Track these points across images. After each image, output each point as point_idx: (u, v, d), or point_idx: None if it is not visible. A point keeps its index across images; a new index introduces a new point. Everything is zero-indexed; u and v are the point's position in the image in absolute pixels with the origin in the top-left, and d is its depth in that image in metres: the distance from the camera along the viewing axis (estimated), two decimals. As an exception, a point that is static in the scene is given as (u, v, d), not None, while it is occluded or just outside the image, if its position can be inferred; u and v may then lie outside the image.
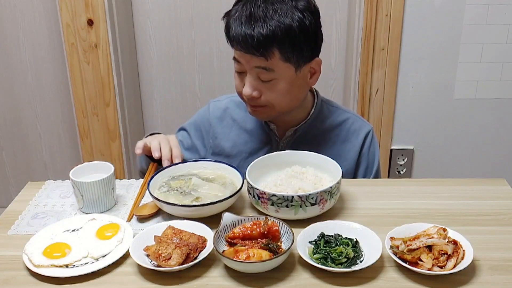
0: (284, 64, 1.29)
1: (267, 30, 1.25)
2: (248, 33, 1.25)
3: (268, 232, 1.07)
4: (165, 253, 1.01)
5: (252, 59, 1.29)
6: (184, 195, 1.22)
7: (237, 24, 1.28)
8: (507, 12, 2.18)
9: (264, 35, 1.25)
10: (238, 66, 1.35)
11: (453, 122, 2.37)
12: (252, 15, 1.27)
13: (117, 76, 2.30)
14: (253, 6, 1.28)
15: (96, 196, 1.21)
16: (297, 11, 1.27)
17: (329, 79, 2.44)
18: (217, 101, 1.55)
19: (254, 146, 1.47)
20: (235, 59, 1.35)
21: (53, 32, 2.32)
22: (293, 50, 1.28)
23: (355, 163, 1.47)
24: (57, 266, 1.03)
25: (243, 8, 1.29)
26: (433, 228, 1.06)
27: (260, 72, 1.31)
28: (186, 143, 1.55)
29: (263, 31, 1.25)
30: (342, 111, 1.51)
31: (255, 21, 1.26)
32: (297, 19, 1.27)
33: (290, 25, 1.26)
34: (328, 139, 1.46)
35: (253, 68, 1.31)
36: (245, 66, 1.32)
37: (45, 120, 2.50)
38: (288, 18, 1.26)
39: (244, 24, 1.27)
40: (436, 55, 2.26)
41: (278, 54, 1.27)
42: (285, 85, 1.32)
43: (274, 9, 1.26)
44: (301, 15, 1.27)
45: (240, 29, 1.27)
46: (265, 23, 1.25)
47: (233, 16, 1.30)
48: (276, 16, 1.26)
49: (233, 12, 1.31)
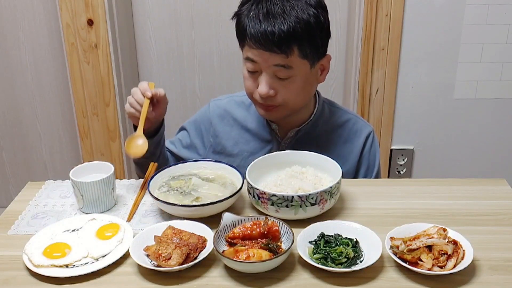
0: (301, 61, 1.30)
1: (288, 26, 1.25)
2: (269, 30, 1.25)
3: (268, 232, 1.07)
4: (165, 253, 1.01)
5: (271, 57, 1.28)
6: (184, 195, 1.22)
7: (255, 23, 1.27)
8: (507, 12, 2.18)
9: (285, 31, 1.25)
10: (252, 66, 1.33)
11: (453, 122, 2.37)
12: (270, 12, 1.26)
13: (117, 76, 2.30)
14: (268, 3, 1.28)
15: (96, 196, 1.21)
16: (311, 7, 1.28)
17: (329, 79, 2.44)
18: (217, 100, 1.54)
19: (255, 146, 1.47)
20: (249, 59, 1.33)
21: (53, 32, 2.32)
22: (310, 46, 1.29)
23: (356, 164, 1.47)
24: (57, 266, 1.03)
25: (258, 7, 1.29)
26: (433, 228, 1.06)
27: (277, 70, 1.30)
28: (185, 141, 1.55)
29: (284, 28, 1.25)
30: (343, 112, 1.51)
31: (274, 18, 1.26)
32: (313, 15, 1.27)
33: (308, 21, 1.27)
34: (330, 140, 1.46)
35: (270, 66, 1.30)
36: (262, 65, 1.31)
37: (45, 120, 2.50)
38: (305, 14, 1.27)
39: (263, 21, 1.26)
40: (436, 55, 2.26)
41: (297, 50, 1.28)
42: (300, 82, 1.33)
43: (291, 5, 1.27)
44: (315, 11, 1.28)
45: (259, 26, 1.26)
46: (284, 19, 1.25)
47: (248, 16, 1.29)
48: (294, 12, 1.26)
49: (246, 12, 1.30)
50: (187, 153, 1.54)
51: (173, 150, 1.56)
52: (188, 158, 1.53)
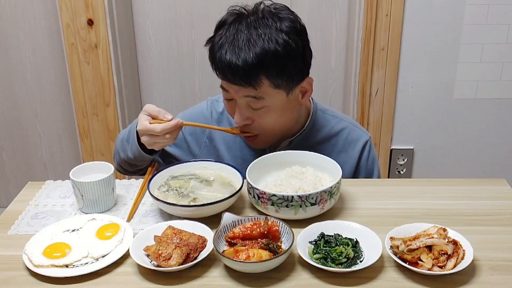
0: (274, 90, 1.25)
1: (252, 58, 1.19)
2: (234, 62, 1.19)
3: (268, 232, 1.07)
4: (165, 253, 1.01)
5: (240, 89, 1.24)
6: (182, 196, 1.22)
7: (221, 53, 1.22)
8: (507, 12, 2.18)
9: (249, 64, 1.19)
10: (226, 95, 1.30)
11: (453, 122, 2.37)
12: (236, 41, 1.21)
13: (117, 76, 2.30)
14: (235, 31, 1.22)
15: (96, 196, 1.21)
16: (282, 34, 1.21)
17: (329, 79, 2.44)
18: (215, 101, 1.50)
19: (249, 154, 1.43)
20: (223, 88, 1.30)
21: (53, 32, 2.32)
22: (281, 76, 1.23)
23: (353, 174, 1.45)
24: (57, 266, 1.03)
25: (226, 34, 1.24)
26: (433, 228, 1.06)
27: (250, 101, 1.26)
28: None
29: (249, 60, 1.19)
30: (339, 119, 1.47)
31: (239, 49, 1.20)
32: (282, 43, 1.21)
33: (276, 50, 1.20)
34: (324, 149, 1.41)
35: (242, 97, 1.26)
36: (234, 95, 1.28)
37: (45, 120, 2.50)
38: (273, 44, 1.20)
39: (228, 52, 1.21)
40: (436, 55, 2.26)
41: (267, 81, 1.23)
42: (276, 112, 1.28)
43: (258, 34, 1.20)
44: (286, 37, 1.22)
45: (224, 58, 1.21)
46: (249, 50, 1.19)
47: (218, 44, 1.24)
48: (259, 42, 1.20)
49: (217, 39, 1.26)
50: (176, 149, 1.48)
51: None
52: (176, 155, 1.48)
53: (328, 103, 2.44)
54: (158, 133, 1.24)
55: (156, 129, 1.23)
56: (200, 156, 1.47)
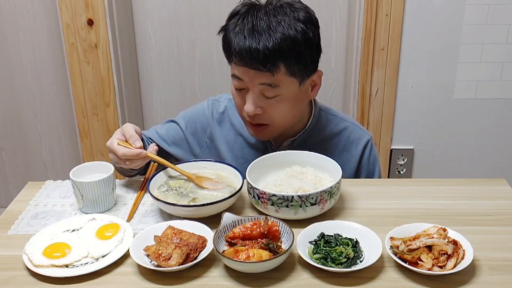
0: (289, 79, 1.26)
1: (273, 43, 1.20)
2: (254, 47, 1.20)
3: (268, 232, 1.07)
4: (165, 253, 1.01)
5: (257, 75, 1.24)
6: (182, 196, 1.22)
7: (239, 39, 1.23)
8: (507, 12, 2.18)
9: (270, 48, 1.20)
10: (239, 83, 1.30)
11: (453, 122, 2.37)
12: (255, 28, 1.22)
13: (117, 76, 2.30)
14: (254, 18, 1.23)
15: (96, 196, 1.21)
16: (300, 22, 1.23)
17: (329, 79, 2.44)
18: (216, 100, 1.50)
19: (250, 153, 1.44)
20: (235, 76, 1.29)
21: (53, 32, 2.32)
22: (298, 63, 1.25)
23: (354, 174, 1.45)
24: (57, 266, 1.03)
25: (243, 22, 1.24)
26: (433, 228, 1.06)
27: (264, 88, 1.26)
28: (176, 135, 1.48)
29: (269, 44, 1.20)
30: (340, 119, 1.47)
31: (259, 34, 1.21)
32: (301, 31, 1.23)
33: (295, 37, 1.22)
34: (326, 149, 1.41)
35: (257, 85, 1.26)
36: (248, 83, 1.27)
37: (45, 120, 2.50)
38: (292, 30, 1.22)
39: (247, 37, 1.22)
40: (436, 55, 2.26)
41: (284, 68, 1.24)
42: (288, 101, 1.29)
43: (278, 21, 1.22)
44: (304, 27, 1.24)
45: (243, 43, 1.22)
46: (269, 36, 1.21)
47: (234, 31, 1.25)
48: (280, 28, 1.21)
49: (232, 27, 1.26)
50: (175, 148, 1.47)
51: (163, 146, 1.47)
52: (176, 155, 1.48)
53: (328, 103, 2.43)
54: (120, 156, 1.25)
55: (118, 152, 1.25)
56: (201, 156, 1.47)
